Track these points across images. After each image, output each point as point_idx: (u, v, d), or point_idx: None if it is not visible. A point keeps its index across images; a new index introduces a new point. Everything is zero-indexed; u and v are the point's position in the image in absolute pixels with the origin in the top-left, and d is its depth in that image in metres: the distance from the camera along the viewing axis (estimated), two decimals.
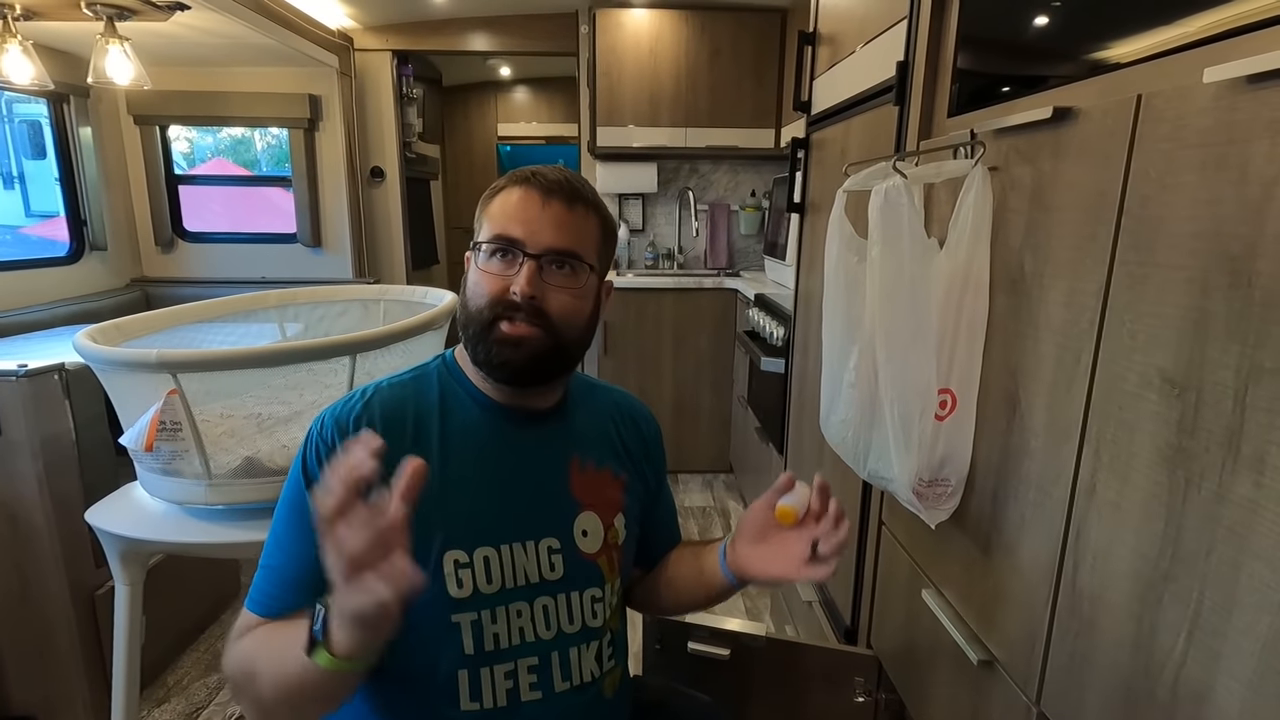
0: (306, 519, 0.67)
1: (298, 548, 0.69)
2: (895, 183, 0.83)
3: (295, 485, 0.70)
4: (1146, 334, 0.59)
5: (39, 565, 1.49)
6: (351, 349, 1.21)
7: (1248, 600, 0.50)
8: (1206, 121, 0.53)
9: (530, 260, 0.70)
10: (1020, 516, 0.78)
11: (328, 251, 3.32)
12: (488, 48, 3.49)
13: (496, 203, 0.74)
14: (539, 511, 0.76)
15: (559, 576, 0.75)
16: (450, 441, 0.74)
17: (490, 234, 0.72)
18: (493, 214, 0.73)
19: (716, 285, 3.12)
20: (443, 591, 0.70)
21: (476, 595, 0.71)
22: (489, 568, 0.72)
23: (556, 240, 0.71)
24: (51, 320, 2.39)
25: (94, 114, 2.81)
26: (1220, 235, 0.52)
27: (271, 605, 0.69)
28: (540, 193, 0.72)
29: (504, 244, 0.71)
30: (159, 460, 1.17)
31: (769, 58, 3.15)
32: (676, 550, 0.94)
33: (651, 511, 0.90)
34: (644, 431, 0.90)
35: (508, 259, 0.71)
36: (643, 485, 0.87)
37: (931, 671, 0.99)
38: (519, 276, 0.70)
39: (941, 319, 0.84)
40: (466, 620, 0.70)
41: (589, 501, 0.79)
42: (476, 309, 0.72)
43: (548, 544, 0.75)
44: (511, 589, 0.72)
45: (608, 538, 0.80)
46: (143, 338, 1.37)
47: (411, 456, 0.54)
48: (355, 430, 0.70)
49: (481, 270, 0.72)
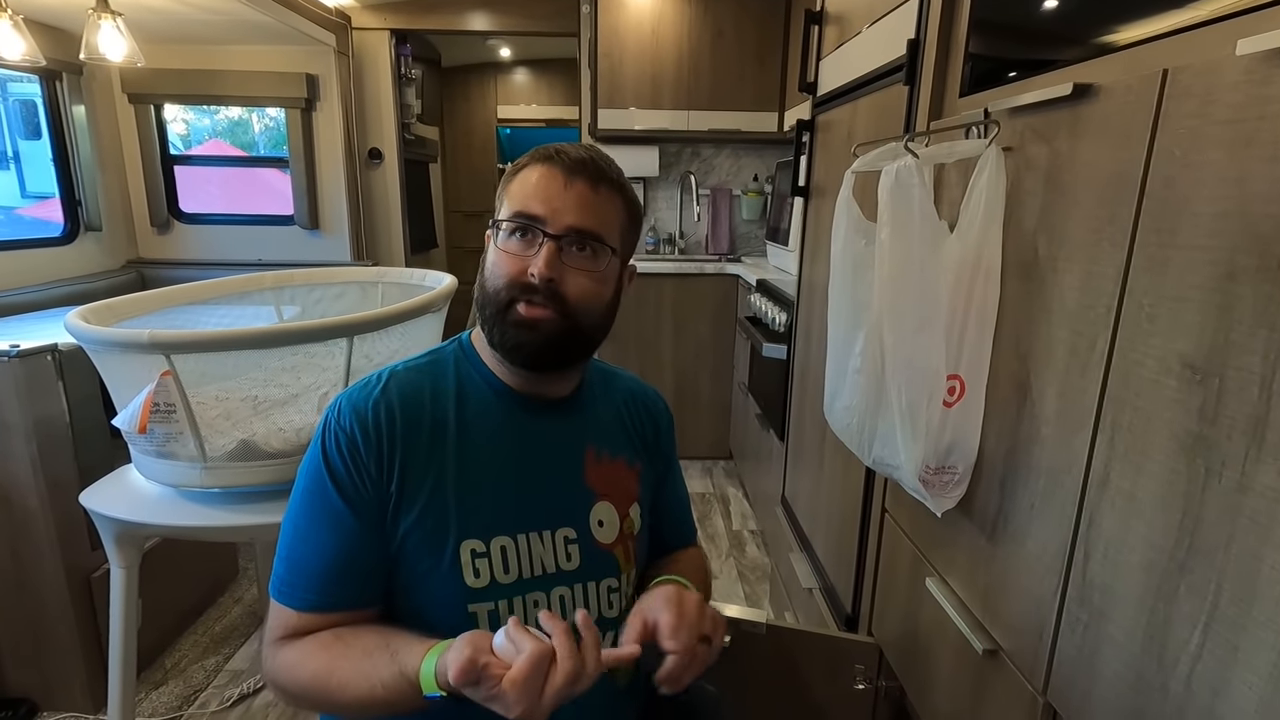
0: (330, 511, 0.68)
1: (324, 540, 0.68)
2: (906, 163, 0.81)
3: (315, 474, 0.69)
4: (1167, 318, 0.57)
5: (34, 548, 1.48)
6: (348, 331, 1.19)
7: (1269, 593, 0.48)
8: (1237, 96, 0.51)
9: (550, 240, 0.68)
10: (1029, 505, 0.76)
11: (325, 234, 3.28)
12: (487, 27, 3.44)
13: (518, 180, 0.71)
14: (555, 501, 0.75)
15: (576, 567, 0.74)
16: (466, 429, 0.72)
17: (510, 211, 0.70)
18: (513, 192, 0.71)
19: (718, 271, 3.09)
20: (459, 581, 0.69)
21: (494, 585, 0.70)
22: (506, 557, 0.71)
23: (579, 219, 0.69)
24: (46, 301, 2.37)
25: (88, 92, 2.77)
26: (1248, 215, 0.50)
27: (306, 599, 0.68)
28: (564, 171, 0.69)
29: (524, 222, 0.69)
30: (153, 442, 1.15)
31: (772, 40, 3.10)
32: (685, 558, 0.89)
33: (657, 500, 0.88)
34: (660, 423, 0.88)
35: (527, 238, 0.69)
36: (654, 475, 0.86)
37: (933, 660, 0.98)
38: (538, 257, 0.68)
39: (951, 303, 0.82)
40: (483, 610, 0.69)
41: (604, 491, 0.78)
42: (494, 289, 0.70)
43: (564, 534, 0.74)
44: (529, 579, 0.71)
45: (623, 528, 0.79)
46: (136, 318, 1.35)
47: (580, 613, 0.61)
48: (373, 417, 0.69)
49: (500, 249, 0.70)
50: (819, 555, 1.62)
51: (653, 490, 0.86)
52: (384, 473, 0.68)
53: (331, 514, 0.68)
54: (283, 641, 0.69)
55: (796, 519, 1.85)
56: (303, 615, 0.69)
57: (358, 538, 0.68)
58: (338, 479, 0.68)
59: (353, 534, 0.68)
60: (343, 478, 0.68)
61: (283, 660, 0.67)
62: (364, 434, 0.68)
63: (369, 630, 0.67)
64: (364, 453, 0.68)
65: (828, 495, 1.53)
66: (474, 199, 5.28)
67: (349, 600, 0.69)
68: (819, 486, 1.61)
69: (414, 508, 0.68)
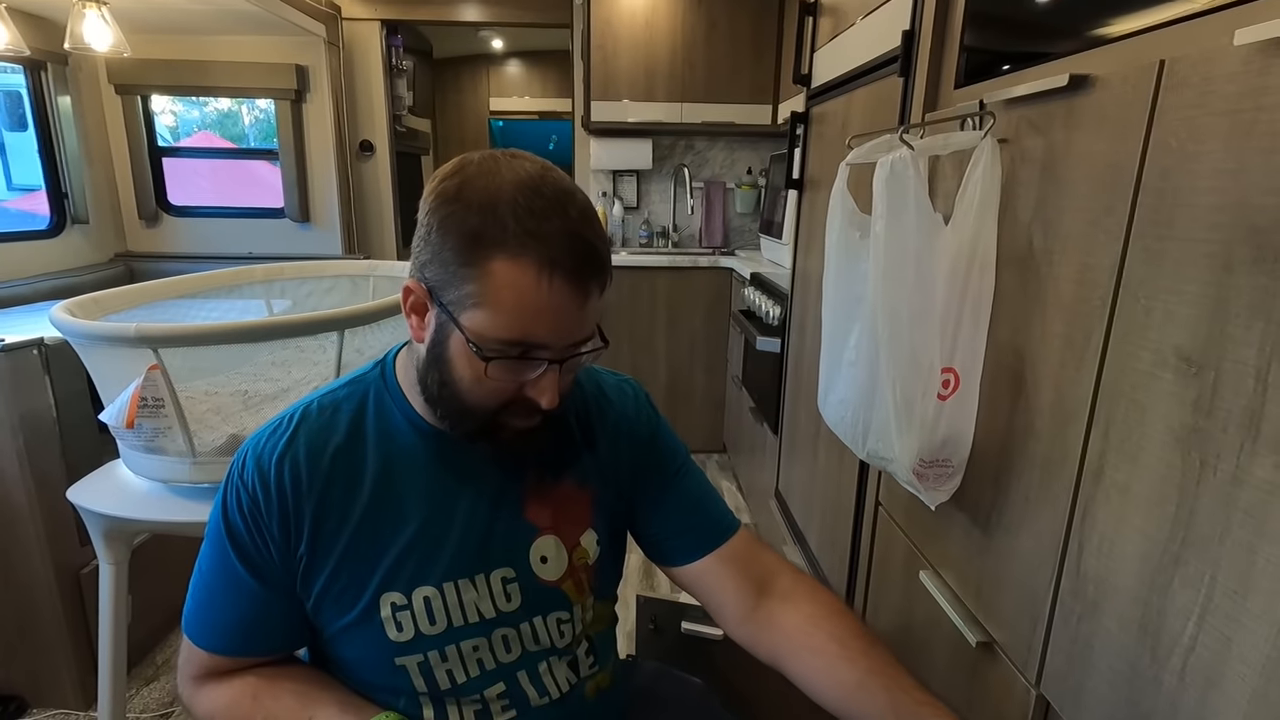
0: (233, 574, 0.64)
1: (229, 598, 0.65)
2: (901, 154, 0.80)
3: (218, 534, 0.64)
4: (1163, 311, 0.57)
5: (21, 544, 1.46)
6: (339, 325, 1.18)
7: (1263, 585, 0.48)
8: (1235, 87, 0.50)
9: (555, 365, 0.58)
10: (1024, 498, 0.76)
11: (316, 227, 3.25)
12: (479, 18, 3.41)
13: (504, 282, 0.54)
14: (489, 542, 0.67)
15: (516, 607, 0.67)
16: (386, 475, 0.65)
17: (504, 336, 0.55)
18: (501, 302, 0.54)
19: (711, 264, 3.08)
20: (381, 635, 0.64)
21: (419, 638, 0.64)
22: (430, 608, 0.64)
23: (584, 332, 0.59)
24: (32, 295, 2.34)
25: (73, 83, 2.73)
26: (1246, 207, 0.50)
27: (215, 644, 0.66)
28: (577, 284, 0.55)
29: (524, 350, 0.57)
30: (141, 438, 1.14)
31: (767, 32, 3.08)
32: (849, 644, 0.67)
33: (683, 496, 0.77)
34: (651, 426, 0.76)
35: (523, 360, 0.58)
36: (615, 493, 0.74)
37: (927, 653, 0.98)
38: (543, 385, 0.58)
39: (946, 296, 0.81)
40: (412, 662, 0.65)
41: (548, 525, 0.69)
42: (481, 409, 0.60)
43: (501, 575, 0.67)
44: (461, 627, 0.65)
45: (573, 559, 0.70)
46: (122, 312, 1.33)
47: None
48: (275, 476, 0.62)
49: (489, 377, 0.57)
50: (813, 548, 1.62)
51: (621, 506, 0.75)
52: (289, 535, 0.62)
53: (234, 577, 0.64)
54: (199, 681, 0.67)
55: (790, 512, 1.86)
56: (213, 655, 0.66)
57: (263, 602, 0.64)
58: (239, 544, 0.63)
59: (257, 598, 0.64)
60: (245, 542, 0.63)
61: (201, 707, 0.66)
62: (265, 494, 0.62)
63: (290, 692, 0.65)
64: (265, 515, 0.62)
65: (821, 489, 1.53)
66: None
67: (260, 649, 0.67)
68: (813, 480, 1.61)
69: (326, 565, 0.63)
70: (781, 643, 0.70)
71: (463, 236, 0.54)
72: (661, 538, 0.76)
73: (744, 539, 0.76)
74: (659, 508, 0.76)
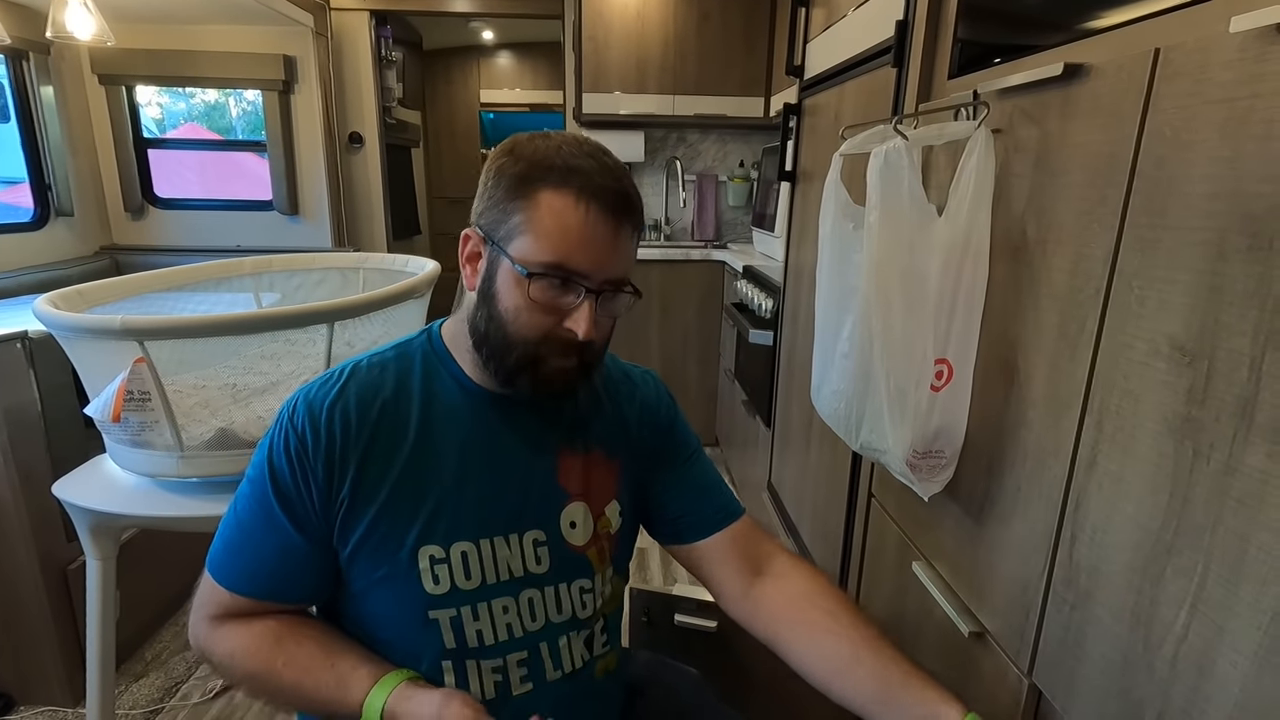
0: (273, 515, 0.66)
1: (264, 540, 0.66)
2: (895, 145, 0.80)
3: (261, 474, 0.66)
4: (1156, 300, 0.57)
5: (7, 540, 1.44)
6: (329, 317, 1.17)
7: (1255, 573, 0.48)
8: (1230, 75, 0.50)
9: (591, 295, 0.63)
10: (1016, 488, 0.77)
11: (305, 219, 3.22)
12: (469, 9, 3.38)
13: (549, 212, 0.61)
14: (524, 503, 0.71)
15: (545, 570, 0.71)
16: (430, 431, 0.69)
17: (547, 259, 0.61)
18: (547, 228, 0.61)
19: (704, 257, 3.08)
20: (418, 588, 0.66)
21: (455, 591, 0.67)
22: (467, 563, 0.68)
23: (618, 270, 0.64)
24: (16, 289, 2.30)
25: (56, 72, 2.68)
26: (1240, 195, 0.49)
27: (241, 585, 0.67)
28: (611, 215, 0.62)
29: (566, 275, 0.62)
30: (127, 431, 1.12)
31: (759, 24, 3.07)
32: (839, 616, 0.72)
33: (691, 482, 0.81)
34: (659, 419, 0.81)
35: (564, 288, 0.63)
36: (638, 469, 0.79)
37: (920, 643, 0.99)
38: (579, 316, 0.63)
39: (939, 287, 0.81)
40: (445, 616, 0.67)
41: (578, 491, 0.74)
42: (521, 340, 0.64)
43: (533, 536, 0.71)
44: (494, 584, 0.69)
45: (598, 528, 0.75)
46: (108, 304, 1.31)
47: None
48: (326, 421, 0.65)
49: (532, 299, 0.63)
50: (805, 541, 1.63)
51: (642, 481, 0.80)
52: (333, 479, 0.65)
53: (271, 521, 0.66)
54: (217, 621, 0.68)
55: (783, 505, 1.86)
56: (236, 597, 0.67)
57: (296, 548, 0.66)
58: (281, 487, 0.65)
59: (291, 543, 0.66)
60: (287, 485, 0.65)
61: (220, 646, 0.67)
62: (314, 437, 0.65)
63: (311, 639, 0.67)
64: (311, 457, 0.64)
65: (814, 481, 1.53)
66: (457, 184, 5.22)
67: (286, 595, 0.68)
68: (805, 472, 1.61)
69: (367, 514, 0.66)
70: (777, 616, 0.74)
71: (514, 178, 0.63)
72: (674, 515, 0.81)
73: (747, 524, 0.81)
74: (672, 489, 0.81)
